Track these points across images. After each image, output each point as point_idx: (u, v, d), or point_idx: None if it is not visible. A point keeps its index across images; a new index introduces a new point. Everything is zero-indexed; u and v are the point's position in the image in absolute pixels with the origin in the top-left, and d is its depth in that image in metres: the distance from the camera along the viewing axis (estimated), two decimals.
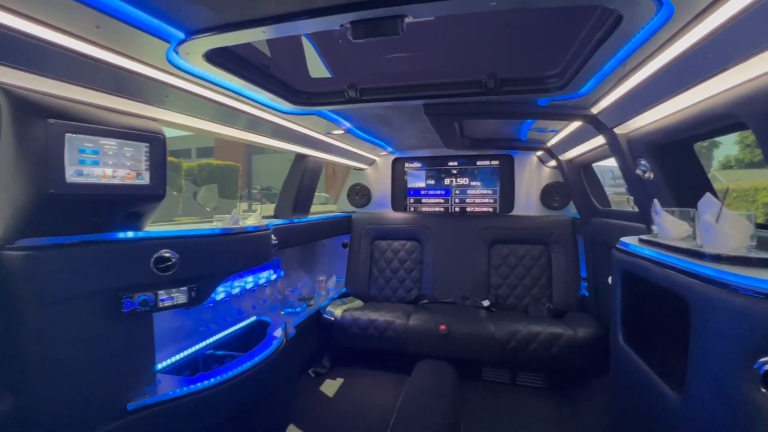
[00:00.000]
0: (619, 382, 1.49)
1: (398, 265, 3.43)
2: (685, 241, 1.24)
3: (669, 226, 1.31)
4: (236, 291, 2.24)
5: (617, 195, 3.53)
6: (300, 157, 2.75)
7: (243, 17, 0.98)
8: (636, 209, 1.92)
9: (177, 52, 1.13)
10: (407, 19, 1.00)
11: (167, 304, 1.48)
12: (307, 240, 3.05)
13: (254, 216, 2.12)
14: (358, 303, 3.16)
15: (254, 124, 1.88)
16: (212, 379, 1.55)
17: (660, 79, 1.16)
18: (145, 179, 1.33)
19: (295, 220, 2.79)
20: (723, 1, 0.77)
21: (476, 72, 1.61)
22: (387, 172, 3.70)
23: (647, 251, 1.28)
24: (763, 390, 0.78)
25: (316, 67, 1.83)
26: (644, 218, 1.80)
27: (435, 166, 3.62)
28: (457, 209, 3.56)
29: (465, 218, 3.44)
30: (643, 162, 1.60)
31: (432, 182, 3.64)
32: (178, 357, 1.85)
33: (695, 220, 1.16)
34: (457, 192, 3.57)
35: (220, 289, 2.14)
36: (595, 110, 1.68)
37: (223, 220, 1.87)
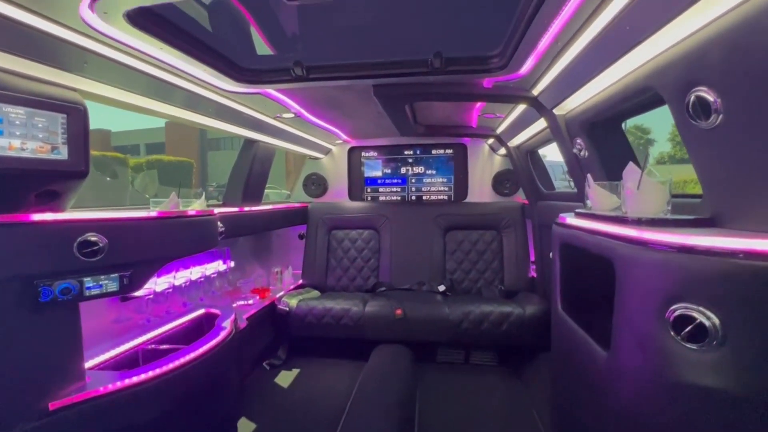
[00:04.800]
0: (558, 349, 1.57)
1: (356, 255, 3.41)
2: (613, 211, 1.32)
3: (600, 198, 1.39)
4: (180, 282, 2.11)
5: (568, 189, 3.73)
6: (249, 142, 2.65)
7: None
8: (576, 190, 2.04)
9: (93, 10, 1.03)
10: None
11: (95, 292, 1.36)
12: (259, 229, 2.94)
13: (198, 202, 2.00)
14: (315, 293, 3.10)
15: (193, 102, 1.77)
16: (149, 372, 1.45)
17: (588, 55, 1.22)
18: (63, 154, 1.21)
19: (246, 209, 2.68)
20: None
21: (423, 51, 1.62)
22: (343, 161, 3.66)
23: (581, 222, 1.36)
24: (673, 335, 0.85)
25: (263, 45, 1.76)
26: (582, 197, 1.92)
27: (391, 155, 3.63)
28: (413, 197, 3.60)
29: (421, 206, 3.48)
30: (578, 141, 1.69)
31: (389, 171, 3.65)
32: (113, 353, 1.71)
33: (621, 190, 1.24)
34: (414, 180, 3.61)
35: (161, 279, 2.01)
36: (535, 92, 1.75)
37: (160, 204, 1.75)
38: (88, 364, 1.50)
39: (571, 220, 1.46)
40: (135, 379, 1.41)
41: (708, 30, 0.86)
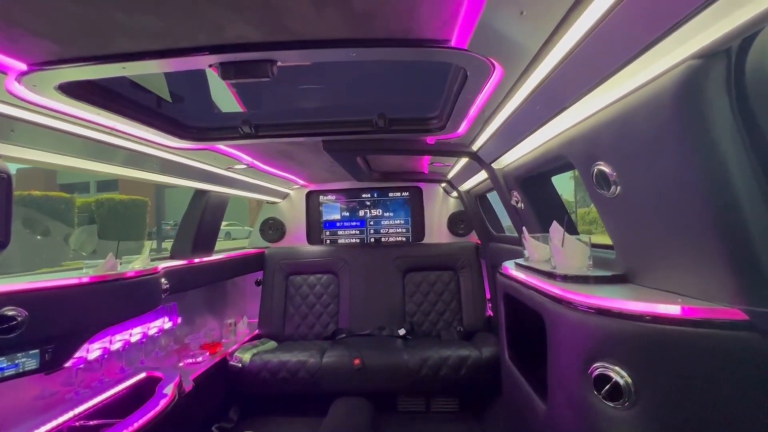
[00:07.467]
0: (508, 398, 1.60)
1: (314, 300, 3.33)
2: (546, 263, 1.41)
3: (533, 249, 1.48)
4: (117, 346, 1.96)
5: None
6: (200, 192, 2.59)
7: (95, 52, 0.92)
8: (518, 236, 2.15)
9: (20, 83, 1.01)
10: (278, 63, 1.03)
11: (9, 373, 1.24)
12: (210, 281, 2.82)
13: (140, 259, 1.91)
14: (271, 344, 2.97)
15: (137, 160, 1.73)
16: None
17: (512, 124, 1.34)
18: None
19: (195, 261, 2.58)
20: (537, 65, 0.94)
21: (368, 112, 1.70)
22: (301, 205, 3.66)
23: (518, 274, 1.43)
24: (596, 393, 0.90)
25: (210, 104, 1.78)
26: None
27: (349, 198, 3.68)
28: (372, 240, 3.63)
29: (380, 248, 3.51)
30: (515, 193, 1.81)
31: (347, 214, 3.68)
32: None
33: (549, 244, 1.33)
34: (372, 223, 3.65)
35: (95, 345, 1.85)
36: (474, 147, 1.87)
37: (96, 267, 1.65)
38: None
39: (512, 270, 1.53)
40: None
41: (602, 114, 0.98)
